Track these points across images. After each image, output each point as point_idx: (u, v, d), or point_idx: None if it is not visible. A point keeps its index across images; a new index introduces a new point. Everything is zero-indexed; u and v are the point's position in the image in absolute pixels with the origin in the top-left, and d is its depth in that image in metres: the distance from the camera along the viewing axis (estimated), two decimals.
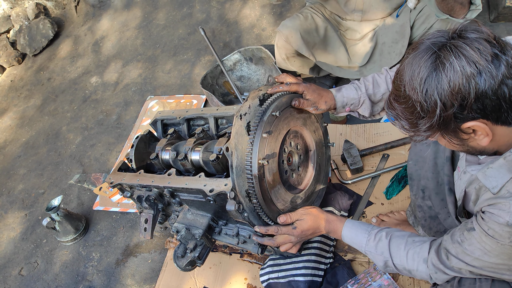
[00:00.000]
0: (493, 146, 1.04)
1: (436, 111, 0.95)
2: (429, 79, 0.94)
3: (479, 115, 0.94)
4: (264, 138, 1.42)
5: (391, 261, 1.34)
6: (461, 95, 0.91)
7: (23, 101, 3.83)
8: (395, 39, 2.27)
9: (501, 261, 1.07)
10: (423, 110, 0.97)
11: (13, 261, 2.54)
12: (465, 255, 1.13)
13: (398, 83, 1.02)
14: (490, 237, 1.04)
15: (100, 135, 3.14)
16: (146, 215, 1.77)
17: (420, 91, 0.95)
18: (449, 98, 0.93)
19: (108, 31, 4.13)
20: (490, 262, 1.08)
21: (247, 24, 3.47)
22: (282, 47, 2.41)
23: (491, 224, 1.02)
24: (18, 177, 3.08)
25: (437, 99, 0.94)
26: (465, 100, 0.92)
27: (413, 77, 0.97)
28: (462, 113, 0.94)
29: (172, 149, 1.75)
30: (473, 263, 1.12)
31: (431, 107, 0.95)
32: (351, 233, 1.45)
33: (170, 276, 2.09)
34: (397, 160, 2.17)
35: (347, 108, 1.62)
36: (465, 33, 0.94)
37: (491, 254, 1.07)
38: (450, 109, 0.94)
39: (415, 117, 1.00)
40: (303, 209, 1.55)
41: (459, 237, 1.15)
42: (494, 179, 1.04)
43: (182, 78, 3.31)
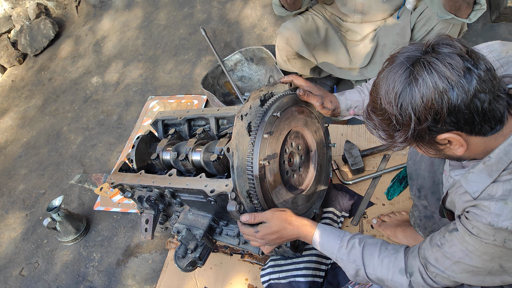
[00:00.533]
0: (469, 155, 1.06)
1: (411, 124, 0.97)
2: (403, 93, 0.96)
3: (453, 127, 0.96)
4: (265, 139, 1.42)
5: (363, 270, 1.31)
6: (434, 109, 0.93)
7: (24, 101, 3.83)
8: (395, 41, 2.27)
9: (482, 264, 1.06)
10: (398, 123, 0.99)
11: (14, 261, 2.54)
12: (444, 259, 1.12)
13: (375, 95, 1.04)
14: (474, 236, 1.03)
15: (101, 135, 3.14)
16: (147, 215, 1.77)
17: (395, 105, 0.97)
18: (423, 113, 0.94)
19: (109, 31, 4.14)
20: (471, 265, 1.08)
21: (248, 24, 3.46)
22: (283, 49, 2.41)
23: (475, 223, 1.03)
24: (19, 177, 3.08)
25: (411, 113, 0.95)
26: (438, 115, 0.94)
27: (388, 91, 0.98)
28: (436, 126, 0.96)
29: (173, 149, 1.74)
30: (453, 268, 1.11)
31: (405, 121, 0.97)
32: (322, 239, 1.40)
33: (171, 276, 2.08)
34: (398, 160, 2.17)
35: (351, 111, 1.62)
36: (438, 48, 0.95)
37: (473, 255, 1.06)
38: (424, 123, 0.96)
39: (391, 129, 1.02)
40: (272, 211, 1.45)
41: (439, 240, 1.15)
42: (475, 184, 1.05)
43: (183, 78, 3.30)
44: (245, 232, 1.48)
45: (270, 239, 1.46)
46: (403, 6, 2.24)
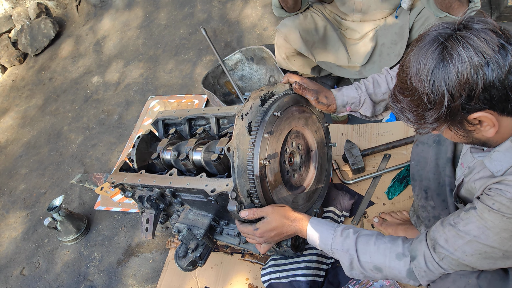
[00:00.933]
0: (497, 138, 1.04)
1: (444, 102, 0.94)
2: (436, 70, 0.93)
3: (486, 105, 0.94)
4: (265, 138, 1.42)
5: (356, 259, 1.28)
6: (469, 85, 0.91)
7: (25, 101, 3.84)
8: (394, 41, 2.27)
9: (499, 242, 1.03)
10: (430, 101, 0.96)
11: (15, 261, 2.55)
12: (457, 238, 1.09)
13: (404, 75, 1.01)
14: (495, 212, 1.01)
15: (102, 135, 3.14)
16: (147, 215, 1.77)
17: (427, 82, 0.95)
18: (457, 89, 0.92)
19: (109, 31, 4.14)
20: (486, 245, 1.05)
21: (249, 24, 3.46)
22: (282, 46, 2.41)
23: (498, 197, 1.00)
24: (19, 177, 3.09)
25: (444, 90, 0.93)
26: (472, 91, 0.92)
27: (420, 68, 0.96)
28: (469, 103, 0.94)
29: (173, 149, 1.75)
30: (464, 248, 1.08)
31: (438, 99, 0.95)
32: (316, 231, 1.38)
33: (171, 276, 2.09)
34: (399, 160, 2.16)
35: (347, 107, 1.61)
36: (471, 24, 0.94)
37: (490, 233, 1.03)
38: (458, 100, 0.93)
39: (422, 109, 1.00)
40: (271, 206, 1.44)
41: (453, 220, 1.12)
42: (499, 163, 1.04)
43: (183, 78, 3.30)
44: (244, 231, 1.46)
45: (269, 236, 1.43)
46: (400, 6, 2.24)
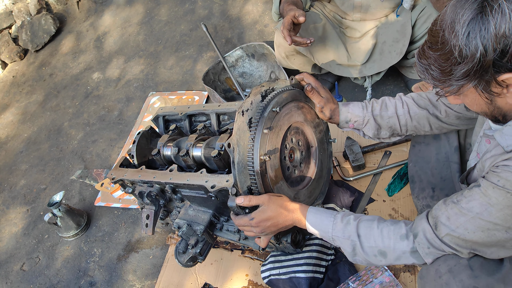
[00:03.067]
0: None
1: (476, 55, 0.91)
2: (473, 21, 0.91)
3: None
4: (265, 134, 1.41)
5: (359, 245, 1.26)
6: (505, 40, 0.89)
7: (25, 96, 3.83)
8: (396, 38, 2.26)
9: (502, 219, 1.03)
10: (461, 55, 0.94)
11: (15, 256, 2.55)
12: (459, 216, 1.09)
13: (437, 28, 0.99)
14: (499, 188, 1.00)
15: (102, 131, 3.14)
16: (147, 211, 1.77)
17: (461, 33, 0.92)
18: (492, 42, 0.89)
19: (110, 27, 4.13)
20: (489, 222, 1.04)
21: (250, 20, 3.46)
22: (281, 45, 2.40)
23: (504, 174, 0.99)
24: (20, 173, 3.09)
25: (478, 43, 0.90)
26: (507, 46, 0.89)
27: (456, 19, 0.94)
28: (501, 60, 0.91)
29: (173, 145, 1.74)
30: (466, 225, 1.07)
31: (470, 52, 0.92)
32: (316, 219, 1.36)
33: (171, 272, 2.09)
34: (399, 157, 2.16)
35: (350, 124, 1.60)
36: None
37: (493, 209, 1.02)
38: (491, 54, 0.90)
39: (450, 63, 0.97)
40: (268, 195, 1.40)
41: (456, 198, 1.11)
42: (510, 138, 1.02)
43: (184, 74, 3.30)
44: (240, 223, 1.42)
45: (265, 226, 1.39)
46: (401, 5, 2.23)
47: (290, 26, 2.02)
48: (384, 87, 2.58)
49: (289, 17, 2.01)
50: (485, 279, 1.10)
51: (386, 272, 1.72)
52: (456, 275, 1.13)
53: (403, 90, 2.53)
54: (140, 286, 2.15)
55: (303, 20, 2.00)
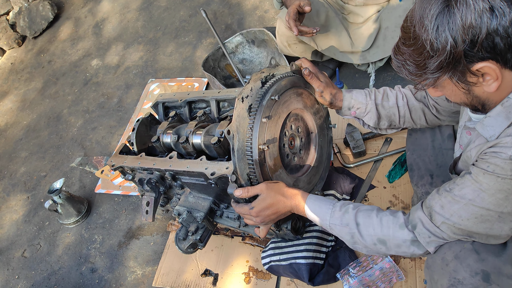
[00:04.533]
0: (498, 96, 1.03)
1: (447, 47, 0.93)
2: (441, 15, 0.93)
3: (489, 55, 0.93)
4: (263, 123, 1.40)
5: (357, 233, 1.27)
6: (472, 30, 0.90)
7: (24, 84, 3.81)
8: (398, 24, 2.22)
9: (494, 204, 1.04)
10: (432, 48, 0.96)
11: (16, 243, 2.56)
12: (452, 203, 1.10)
13: (408, 24, 1.02)
14: (489, 174, 1.02)
15: (102, 118, 3.13)
16: (147, 198, 1.77)
17: (431, 28, 0.94)
18: (460, 34, 0.92)
19: (108, 13, 4.09)
20: (482, 207, 1.05)
21: (250, 6, 3.42)
22: (283, 34, 2.38)
23: (492, 159, 1.01)
24: (19, 160, 3.09)
25: (447, 35, 0.93)
26: (476, 36, 0.91)
27: (424, 15, 0.96)
28: (472, 50, 0.93)
29: (173, 132, 1.74)
30: (460, 213, 1.09)
31: (441, 44, 0.94)
32: (314, 206, 1.36)
33: (172, 258, 2.10)
34: (400, 143, 2.15)
35: (352, 111, 1.60)
36: None
37: (485, 195, 1.04)
38: (461, 45, 0.92)
39: (424, 57, 0.99)
40: (265, 183, 1.40)
41: (448, 186, 1.12)
42: (491, 128, 1.05)
43: (183, 61, 3.28)
44: (241, 212, 1.43)
45: (265, 215, 1.40)
46: None
47: (296, 16, 2.00)
48: (385, 73, 2.56)
49: (294, 7, 1.98)
50: (492, 261, 1.11)
51: (386, 258, 1.72)
52: (463, 261, 1.13)
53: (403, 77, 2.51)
54: (141, 272, 2.17)
55: (308, 9, 1.97)
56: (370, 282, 1.70)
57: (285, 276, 1.85)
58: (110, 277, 2.20)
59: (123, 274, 2.19)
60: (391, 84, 2.50)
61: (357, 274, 1.71)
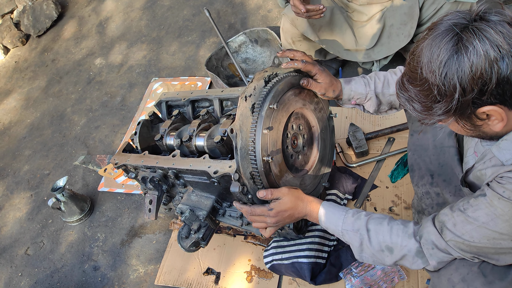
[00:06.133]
0: (505, 130, 1.02)
1: (455, 95, 0.92)
2: (450, 62, 0.91)
3: (497, 100, 0.92)
4: (265, 134, 1.41)
5: (367, 239, 1.28)
6: (482, 80, 0.89)
7: (28, 82, 3.83)
8: (403, 21, 2.22)
9: (508, 229, 1.02)
10: (440, 94, 0.94)
11: (19, 240, 2.57)
12: (465, 224, 1.09)
13: (415, 64, 0.98)
14: (505, 200, 1.00)
15: (105, 116, 3.13)
16: (150, 196, 1.77)
17: (439, 74, 0.92)
18: (470, 83, 0.90)
19: (112, 12, 4.10)
20: (494, 231, 1.04)
21: (253, 6, 3.42)
22: (288, 31, 2.38)
23: (509, 186, 0.99)
24: (23, 158, 3.10)
25: (456, 83, 0.91)
26: (485, 86, 0.89)
27: (432, 59, 0.93)
28: (480, 98, 0.92)
29: (175, 136, 1.74)
30: (472, 233, 1.07)
31: (449, 91, 0.92)
32: (328, 212, 1.39)
33: (174, 256, 2.10)
34: (403, 143, 2.15)
35: (352, 101, 1.61)
36: (488, 16, 0.91)
37: (499, 220, 1.02)
38: (470, 94, 0.91)
39: (430, 100, 0.97)
40: (287, 188, 1.44)
41: (462, 206, 1.11)
42: (508, 152, 1.02)
43: (186, 60, 3.28)
44: (257, 212, 1.44)
45: (282, 217, 1.44)
46: None
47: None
48: None
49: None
50: (498, 284, 1.11)
51: None
52: (470, 284, 1.13)
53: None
54: (143, 270, 2.17)
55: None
56: (372, 281, 1.70)
57: (287, 275, 1.85)
58: (113, 275, 2.21)
59: (125, 272, 2.20)
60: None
61: (360, 274, 1.71)
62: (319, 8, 2.03)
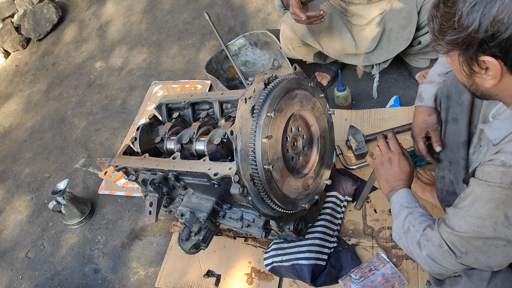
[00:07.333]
0: (496, 92, 1.06)
1: (469, 28, 0.94)
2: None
3: (500, 55, 0.94)
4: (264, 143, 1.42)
5: (404, 216, 1.34)
6: (500, 26, 0.90)
7: (28, 85, 3.84)
8: (402, 25, 2.24)
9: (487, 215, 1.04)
10: (459, 21, 0.96)
11: (20, 243, 2.58)
12: (454, 216, 1.12)
13: None
14: (482, 183, 1.04)
15: (105, 120, 3.14)
16: (151, 198, 1.78)
17: (469, 2, 0.93)
18: (488, 23, 0.91)
19: (112, 16, 4.11)
20: (477, 217, 1.06)
21: (253, 9, 3.43)
22: (288, 37, 2.39)
23: (486, 168, 1.03)
24: (24, 161, 3.10)
25: (476, 18, 0.92)
26: (499, 33, 0.91)
27: None
28: (488, 43, 0.94)
29: (176, 141, 1.74)
30: (461, 224, 1.10)
31: (467, 23, 0.94)
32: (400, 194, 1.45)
33: (175, 259, 2.11)
34: (403, 145, 2.15)
35: None
36: None
37: (478, 204, 1.05)
38: (482, 33, 0.93)
39: (448, 25, 0.99)
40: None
41: (456, 201, 1.16)
42: (497, 131, 1.07)
43: (186, 63, 3.29)
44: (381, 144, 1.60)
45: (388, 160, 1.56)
46: None
47: (299, 4, 2.02)
48: (387, 75, 2.57)
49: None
50: None
51: (388, 264, 1.72)
52: None
53: (406, 78, 2.51)
54: (144, 273, 2.17)
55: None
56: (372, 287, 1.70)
57: (287, 277, 1.85)
58: (113, 278, 2.21)
59: (126, 275, 2.20)
60: (394, 85, 2.51)
61: (359, 280, 1.71)
62: (319, 14, 2.04)
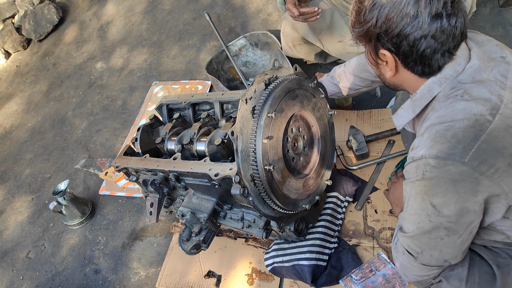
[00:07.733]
0: (396, 83, 1.22)
1: (369, 23, 1.08)
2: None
3: (394, 50, 1.09)
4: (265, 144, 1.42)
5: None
6: (390, 24, 1.05)
7: (29, 86, 3.84)
8: None
9: (417, 208, 1.13)
10: (364, 16, 1.10)
11: (21, 244, 2.58)
12: (402, 220, 1.24)
13: None
14: (407, 182, 1.17)
15: (106, 120, 3.14)
16: (151, 199, 1.78)
17: (372, 1, 1.07)
18: (381, 20, 1.06)
19: (113, 16, 4.12)
20: (413, 214, 1.17)
21: (253, 9, 3.44)
22: (289, 34, 2.39)
23: (406, 167, 1.15)
24: (24, 162, 3.11)
25: (374, 15, 1.06)
26: (390, 29, 1.05)
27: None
28: (383, 38, 1.09)
29: (176, 141, 1.74)
30: (407, 225, 1.21)
31: (368, 18, 1.08)
32: None
33: (175, 259, 2.11)
34: (403, 146, 2.15)
35: None
36: None
37: (411, 202, 1.17)
38: (378, 29, 1.08)
39: (357, 20, 1.14)
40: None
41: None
42: (401, 118, 1.23)
43: (187, 64, 3.29)
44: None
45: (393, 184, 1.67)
46: None
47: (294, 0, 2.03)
48: None
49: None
50: None
51: (389, 264, 1.72)
52: None
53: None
54: (144, 273, 2.17)
55: None
56: None
57: (288, 277, 1.85)
58: (114, 278, 2.21)
59: (126, 275, 2.20)
60: None
61: (360, 281, 1.71)
62: (313, 10, 2.02)
